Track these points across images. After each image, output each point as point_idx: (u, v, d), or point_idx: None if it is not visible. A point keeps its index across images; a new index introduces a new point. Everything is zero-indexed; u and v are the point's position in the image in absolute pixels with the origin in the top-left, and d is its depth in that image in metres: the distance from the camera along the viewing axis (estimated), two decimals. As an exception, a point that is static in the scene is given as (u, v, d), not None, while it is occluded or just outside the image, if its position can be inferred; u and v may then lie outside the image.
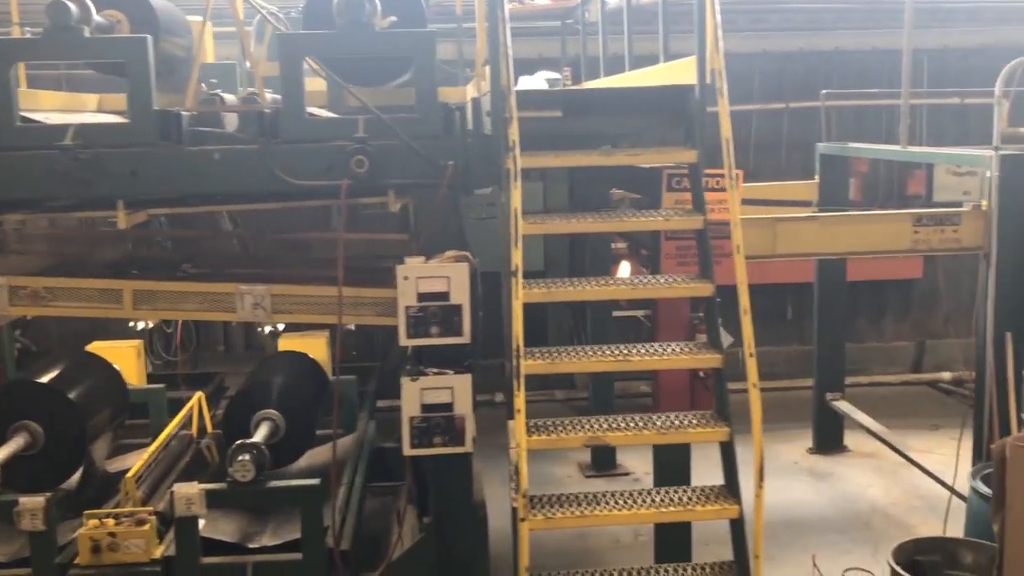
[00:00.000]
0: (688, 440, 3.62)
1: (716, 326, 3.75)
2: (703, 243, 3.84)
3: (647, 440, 3.58)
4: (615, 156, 3.87)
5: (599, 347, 3.78)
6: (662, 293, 3.78)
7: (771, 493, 7.07)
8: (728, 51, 9.70)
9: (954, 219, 5.16)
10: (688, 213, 3.87)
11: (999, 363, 5.33)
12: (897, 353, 10.39)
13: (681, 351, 3.76)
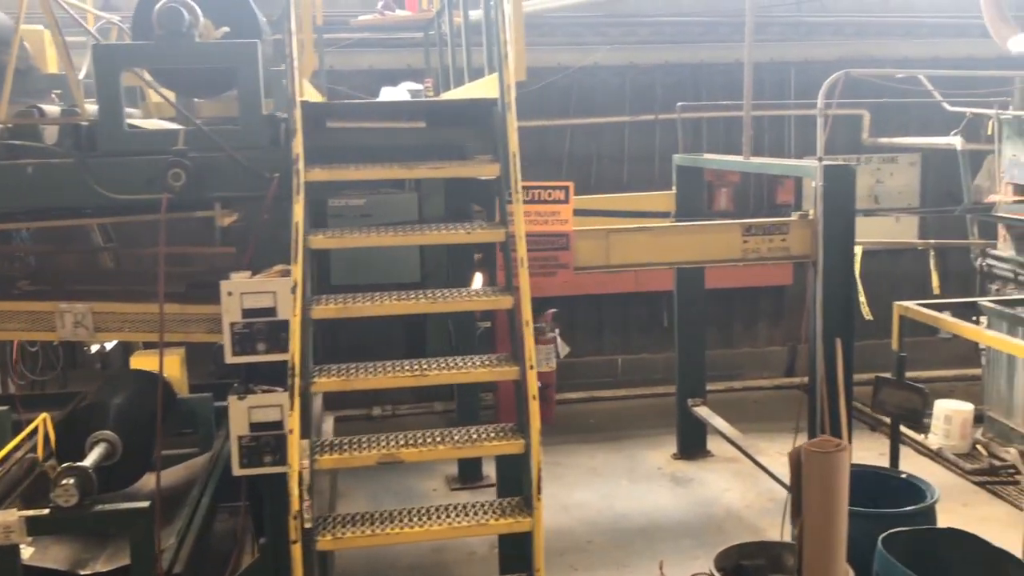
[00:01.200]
0: (482, 453, 3.62)
1: (520, 339, 3.74)
2: (506, 256, 3.84)
3: (442, 455, 3.56)
4: (417, 169, 3.87)
5: (397, 362, 3.76)
6: (460, 306, 3.77)
7: (631, 500, 7.25)
8: (600, 63, 9.89)
9: (782, 228, 5.30)
10: (492, 226, 3.88)
11: (829, 367, 5.49)
12: (770, 358, 10.66)
13: (481, 365, 3.75)
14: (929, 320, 5.06)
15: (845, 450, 3.76)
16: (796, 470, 3.79)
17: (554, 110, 9.91)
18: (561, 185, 5.06)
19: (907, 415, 5.19)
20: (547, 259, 5.06)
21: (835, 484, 3.73)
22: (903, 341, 5.29)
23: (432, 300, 3.73)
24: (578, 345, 10.42)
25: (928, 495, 4.78)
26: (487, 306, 3.65)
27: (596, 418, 9.24)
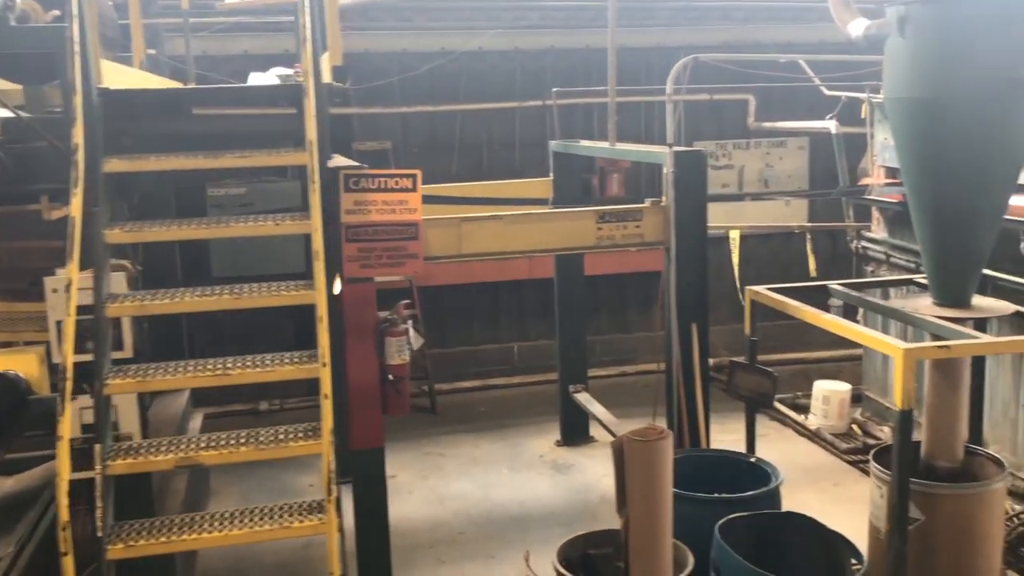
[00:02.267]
0: (286, 455, 3.48)
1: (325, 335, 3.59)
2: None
3: (243, 457, 3.43)
4: (223, 159, 3.71)
5: (201, 361, 3.61)
6: (265, 302, 3.63)
7: (510, 489, 7.20)
8: (486, 48, 9.75)
9: (636, 215, 5.27)
10: (302, 217, 3.75)
11: (685, 353, 5.49)
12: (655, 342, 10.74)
13: (289, 362, 3.62)
14: (775, 304, 5.09)
15: (667, 438, 3.74)
16: (619, 460, 3.75)
17: (444, 96, 9.77)
18: (408, 173, 4.94)
19: (759, 399, 5.22)
20: (396, 249, 4.94)
21: (658, 472, 3.71)
22: (756, 325, 5.30)
23: (236, 296, 3.58)
24: (474, 333, 10.37)
25: (773, 478, 4.81)
26: (296, 300, 3.52)
27: (487, 406, 9.18)
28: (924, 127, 4.44)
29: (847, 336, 4.58)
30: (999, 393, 6.71)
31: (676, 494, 4.64)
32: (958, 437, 4.77)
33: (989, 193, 4.46)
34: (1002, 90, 4.23)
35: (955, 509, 4.54)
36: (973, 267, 4.63)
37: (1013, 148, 4.40)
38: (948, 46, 4.28)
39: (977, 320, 5.26)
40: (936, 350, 4.06)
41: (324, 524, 3.34)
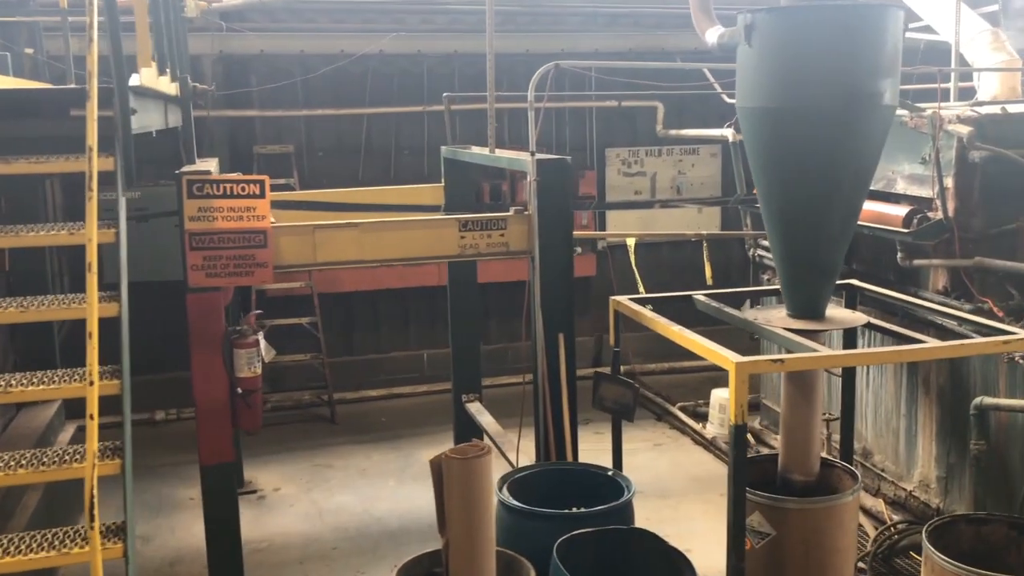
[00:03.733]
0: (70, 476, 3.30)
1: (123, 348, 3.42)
2: (112, 259, 3.54)
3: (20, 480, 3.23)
4: (16, 165, 3.53)
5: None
6: (55, 315, 3.46)
7: (393, 502, 7.03)
8: (390, 51, 9.59)
9: (500, 223, 5.16)
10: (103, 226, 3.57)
11: (551, 364, 5.39)
12: (578, 348, 10.63)
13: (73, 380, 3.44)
14: (632, 314, 5.01)
15: (486, 455, 3.63)
16: (438, 479, 3.63)
17: (350, 99, 9.61)
18: (256, 179, 4.78)
19: (622, 411, 5.13)
20: (244, 258, 4.77)
21: (477, 491, 3.59)
22: (620, 335, 5.22)
23: (23, 309, 3.41)
24: (383, 340, 10.20)
25: (625, 493, 4.72)
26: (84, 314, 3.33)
27: (390, 416, 9.03)
28: (771, 137, 4.39)
29: (688, 347, 4.51)
30: (883, 402, 6.71)
31: (522, 510, 4.57)
32: (812, 451, 4.73)
33: (837, 204, 4.42)
34: (845, 101, 4.19)
35: (805, 523, 4.49)
36: (824, 278, 4.59)
37: (859, 159, 4.36)
38: (791, 56, 4.23)
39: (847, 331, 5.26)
40: (769, 364, 4.00)
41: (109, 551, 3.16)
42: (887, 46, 4.21)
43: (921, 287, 6.25)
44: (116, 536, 3.29)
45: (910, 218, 5.98)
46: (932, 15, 8.73)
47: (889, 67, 4.25)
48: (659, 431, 8.46)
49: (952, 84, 8.41)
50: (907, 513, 6.39)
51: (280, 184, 9.16)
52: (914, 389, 6.37)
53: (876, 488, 6.77)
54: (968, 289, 5.82)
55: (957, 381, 5.97)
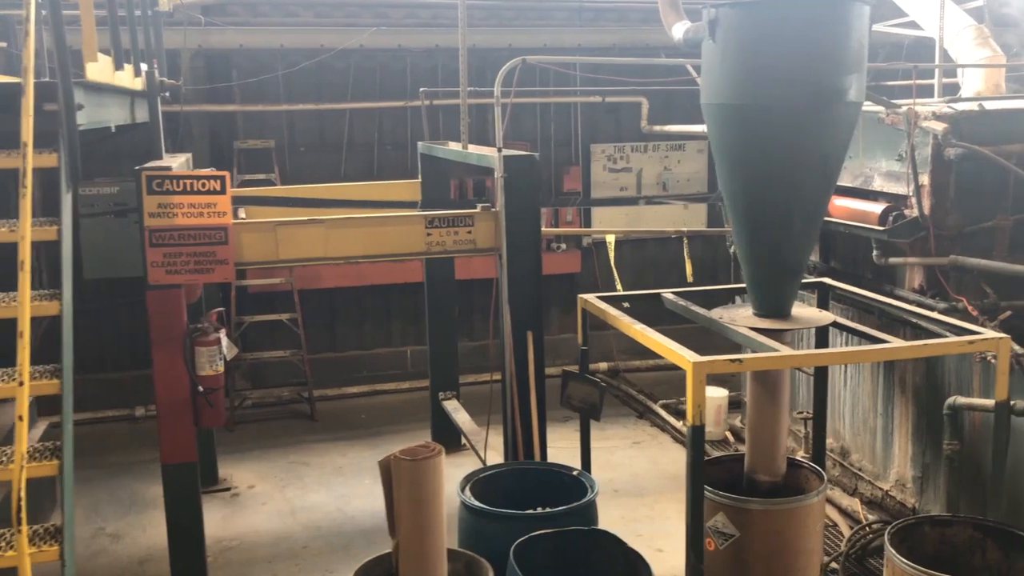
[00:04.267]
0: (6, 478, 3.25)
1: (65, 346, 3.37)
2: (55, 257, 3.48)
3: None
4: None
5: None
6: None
7: (367, 500, 6.97)
8: (371, 46, 9.51)
9: (467, 220, 5.11)
10: (45, 222, 3.52)
11: (519, 362, 5.34)
12: (563, 345, 10.59)
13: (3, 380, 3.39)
14: (598, 313, 4.95)
15: (437, 456, 3.58)
16: (387, 480, 3.58)
17: (332, 94, 9.55)
18: (216, 174, 4.73)
19: (589, 410, 5.08)
20: (204, 255, 4.72)
21: (427, 493, 3.55)
22: (587, 334, 5.17)
23: (-40, 307, 3.36)
24: (366, 337, 10.15)
25: (588, 493, 4.67)
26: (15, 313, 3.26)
27: (370, 413, 8.98)
28: (735, 134, 4.33)
29: (648, 346, 4.47)
30: (860, 401, 6.66)
31: (482, 510, 4.53)
32: (778, 451, 4.68)
33: (802, 202, 4.36)
34: (810, 97, 4.13)
35: (768, 525, 4.45)
36: (790, 277, 4.53)
37: (825, 156, 4.30)
38: (754, 51, 4.17)
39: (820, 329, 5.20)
40: (727, 364, 3.94)
41: (42, 553, 3.11)
42: (852, 41, 4.15)
43: (898, 285, 6.19)
44: (52, 539, 3.23)
45: (886, 216, 5.93)
46: (917, 11, 8.66)
47: (854, 62, 4.18)
48: (640, 429, 8.41)
49: (936, 80, 8.34)
50: (884, 513, 6.34)
51: (260, 179, 9.13)
52: (890, 388, 6.32)
53: (854, 487, 6.72)
54: (943, 287, 5.76)
55: (932, 380, 5.92)
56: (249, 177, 9.10)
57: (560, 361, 10.72)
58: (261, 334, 9.47)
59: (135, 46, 5.16)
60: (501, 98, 5.08)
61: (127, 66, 5.01)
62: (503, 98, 5.09)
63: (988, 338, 4.27)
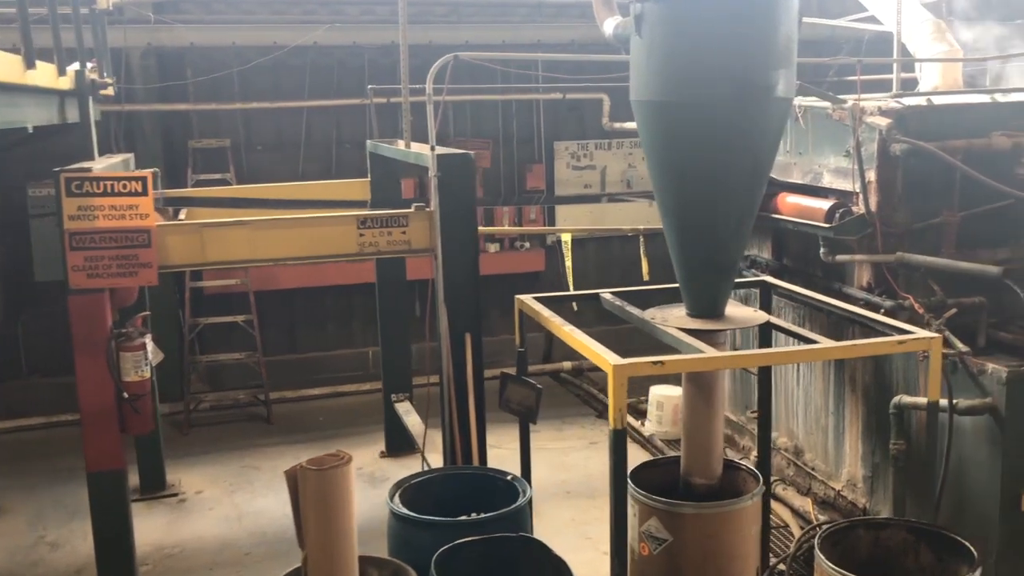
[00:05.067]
0: None
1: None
2: None
3: None
4: None
5: None
6: None
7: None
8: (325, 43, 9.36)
9: (401, 220, 5.01)
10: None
11: (457, 365, 5.25)
12: (528, 344, 10.46)
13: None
14: (532, 313, 4.87)
15: (345, 465, 3.48)
16: (294, 491, 3.48)
17: (289, 92, 9.44)
18: (138, 175, 4.61)
19: (526, 413, 4.99)
20: (127, 258, 4.61)
21: (335, 503, 3.45)
22: (525, 335, 5.08)
23: None
24: (328, 338, 10.05)
25: (520, 498, 4.57)
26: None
27: (329, 415, 8.88)
28: (662, 132, 4.23)
29: (574, 347, 4.38)
30: (812, 400, 6.60)
31: (409, 518, 4.43)
32: (714, 453, 4.60)
33: (731, 201, 4.27)
34: (735, 93, 4.03)
35: (701, 529, 4.36)
36: (721, 277, 4.45)
37: (753, 153, 4.21)
38: (679, 47, 4.07)
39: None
40: (648, 366, 3.85)
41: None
42: (779, 36, 4.06)
43: (847, 283, 6.12)
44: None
45: (832, 213, 5.85)
46: (877, 5, 8.61)
47: (782, 58, 4.09)
48: (598, 429, 8.33)
49: (894, 75, 8.28)
50: (837, 513, 6.28)
51: (216, 179, 9.01)
52: (841, 387, 6.26)
53: (808, 487, 6.66)
54: (891, 285, 5.69)
55: (881, 379, 5.86)
56: (204, 177, 8.98)
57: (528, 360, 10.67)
58: (219, 336, 9.36)
59: (57, 44, 5.03)
60: (434, 95, 4.97)
61: (48, 65, 4.89)
62: (436, 95, 4.98)
63: (920, 338, 4.19)
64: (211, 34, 8.70)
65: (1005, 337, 5.53)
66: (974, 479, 5.15)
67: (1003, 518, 4.97)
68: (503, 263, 10.24)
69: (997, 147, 5.65)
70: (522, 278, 10.26)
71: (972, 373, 5.08)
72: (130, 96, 8.61)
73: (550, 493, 6.86)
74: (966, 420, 5.12)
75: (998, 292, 5.49)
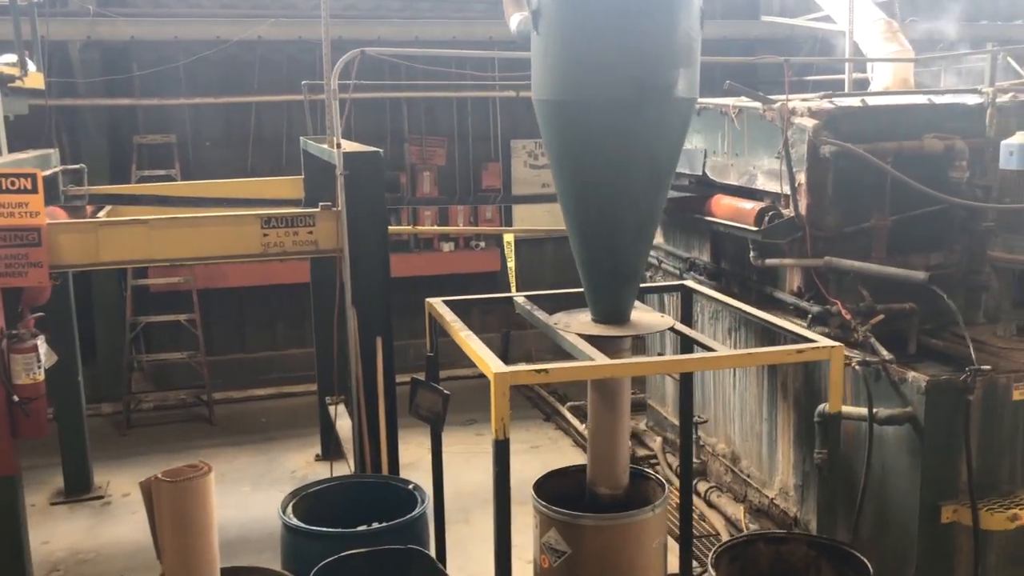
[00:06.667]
0: None
1: None
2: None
3: None
4: None
5: None
6: None
7: (241, 510, 6.71)
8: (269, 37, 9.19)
9: (308, 220, 4.87)
10: None
11: (367, 370, 5.12)
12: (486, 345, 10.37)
13: None
14: (438, 317, 4.73)
15: (203, 476, 3.35)
16: (149, 503, 3.35)
17: (238, 87, 9.29)
18: (27, 172, 4.47)
19: (434, 419, 4.85)
20: (15, 257, 4.48)
21: (193, 516, 3.32)
22: (436, 340, 4.94)
23: None
24: (278, 337, 9.91)
25: (417, 508, 4.45)
26: None
27: (271, 416, 8.75)
28: (561, 132, 4.10)
29: (466, 352, 4.25)
30: (748, 406, 6.47)
31: (299, 529, 4.31)
32: (619, 462, 4.47)
33: (633, 203, 4.13)
34: (632, 93, 3.89)
35: (600, 541, 4.24)
36: (623, 281, 4.31)
37: (654, 155, 4.07)
38: (576, 44, 3.93)
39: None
40: (532, 374, 3.73)
41: None
42: (678, 34, 3.92)
43: (779, 287, 5.99)
44: None
45: (762, 216, 5.72)
46: (830, 4, 8.49)
47: (683, 57, 3.96)
48: (543, 432, 8.21)
49: (847, 75, 8.17)
50: (770, 521, 6.16)
51: (160, 175, 8.87)
52: (775, 393, 6.13)
53: (744, 494, 6.53)
54: (820, 290, 5.56)
55: (811, 386, 5.72)
56: (148, 173, 8.84)
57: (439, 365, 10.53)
58: (165, 335, 9.23)
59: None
60: (338, 92, 4.83)
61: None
62: (341, 92, 4.84)
63: (819, 347, 4.07)
64: (152, 28, 8.54)
65: (937, 344, 5.41)
66: (896, 490, 5.02)
67: (922, 530, 4.84)
68: (458, 263, 10.12)
69: (930, 150, 5.52)
70: (477, 278, 10.13)
71: (893, 382, 4.95)
72: (71, 90, 8.46)
73: (481, 499, 6.72)
74: (888, 430, 4.99)
75: (932, 298, 5.36)
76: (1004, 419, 4.87)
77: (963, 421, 4.71)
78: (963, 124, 5.69)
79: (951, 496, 4.82)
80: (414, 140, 9.90)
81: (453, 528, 5.51)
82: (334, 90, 4.81)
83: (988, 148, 5.61)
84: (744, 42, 10.02)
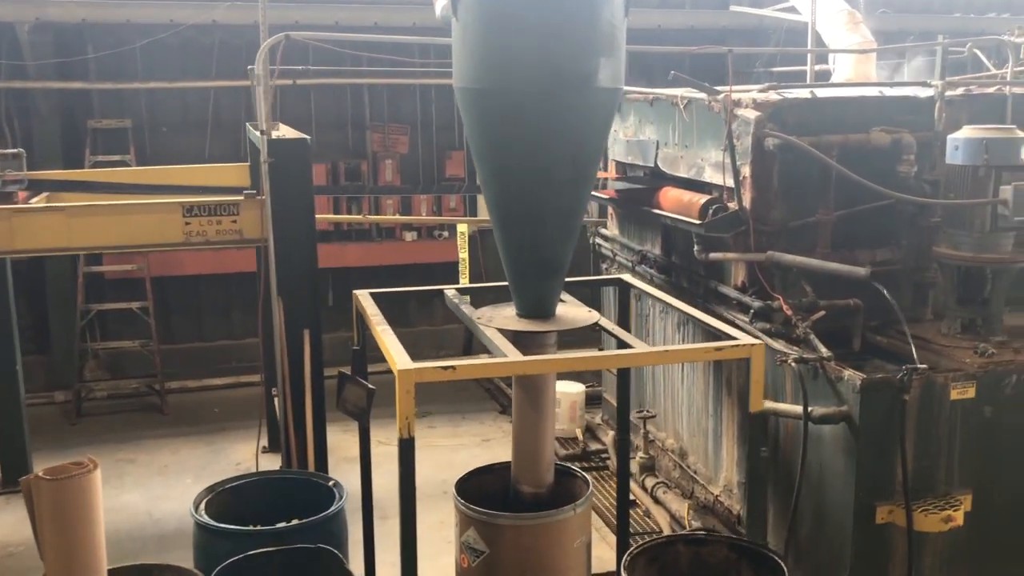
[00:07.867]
0: None
1: None
2: None
3: None
4: None
5: None
6: None
7: (179, 503, 6.46)
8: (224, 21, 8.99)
9: (231, 208, 4.75)
10: None
11: (293, 363, 5.00)
12: (447, 336, 10.27)
13: None
14: (362, 311, 4.62)
15: (87, 475, 3.24)
16: (30, 502, 3.24)
17: (196, 72, 9.14)
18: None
19: (359, 413, 4.74)
20: (-78, 244, 4.34)
21: (75, 516, 3.20)
22: (364, 334, 4.83)
23: None
24: (235, 326, 9.78)
25: (333, 506, 4.35)
26: None
27: (225, 407, 8.64)
28: (480, 122, 3.98)
29: (381, 348, 4.13)
30: (695, 401, 6.38)
31: (209, 527, 4.21)
32: (542, 460, 4.38)
33: (555, 195, 4.01)
34: (551, 82, 3.77)
35: (518, 541, 4.15)
36: (547, 276, 4.20)
37: (576, 146, 3.95)
38: (493, 31, 3.81)
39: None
40: (438, 371, 3.61)
41: None
42: (601, 22, 3.79)
43: (725, 282, 5.89)
44: None
45: (706, 209, 5.61)
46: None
47: (605, 45, 3.83)
48: (497, 425, 8.12)
49: (808, 67, 8.05)
50: (715, 519, 6.07)
51: (115, 160, 8.71)
52: (720, 389, 6.03)
53: (691, 491, 6.45)
54: (763, 285, 5.46)
55: (754, 382, 5.63)
56: (103, 158, 8.68)
57: (443, 353, 10.43)
58: (121, 323, 9.09)
59: None
60: (264, 77, 4.70)
61: None
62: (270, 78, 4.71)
63: (739, 345, 3.97)
64: (103, 11, 8.37)
65: (881, 341, 5.33)
66: (832, 489, 4.94)
67: (857, 531, 4.75)
68: (421, 253, 10.01)
69: (876, 143, 5.40)
70: (441, 268, 9.99)
71: (830, 380, 4.86)
72: (20, 72, 8.30)
73: (426, 494, 6.59)
74: (825, 429, 4.90)
75: (879, 294, 5.26)
76: (941, 419, 4.78)
77: (899, 421, 4.62)
78: (914, 118, 5.57)
79: (886, 497, 4.73)
80: (376, 127, 9.77)
81: (388, 524, 5.41)
82: (260, 75, 4.68)
83: (937, 142, 5.50)
84: (713, 32, 9.88)
